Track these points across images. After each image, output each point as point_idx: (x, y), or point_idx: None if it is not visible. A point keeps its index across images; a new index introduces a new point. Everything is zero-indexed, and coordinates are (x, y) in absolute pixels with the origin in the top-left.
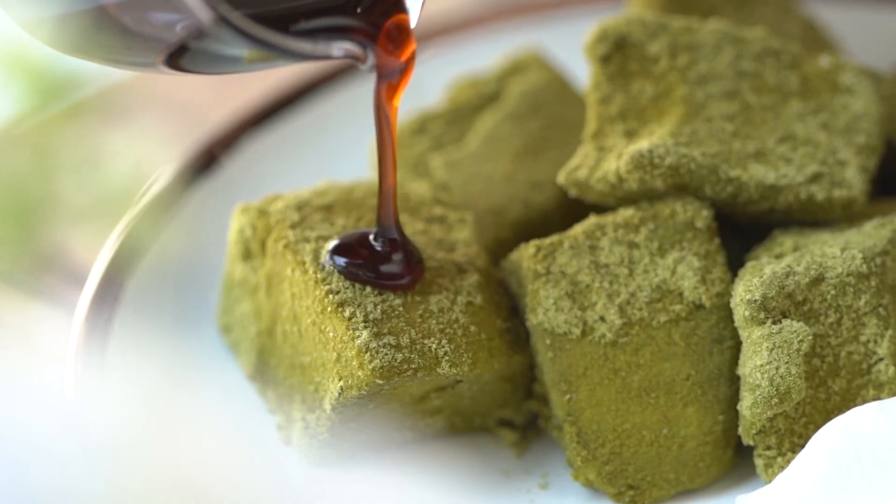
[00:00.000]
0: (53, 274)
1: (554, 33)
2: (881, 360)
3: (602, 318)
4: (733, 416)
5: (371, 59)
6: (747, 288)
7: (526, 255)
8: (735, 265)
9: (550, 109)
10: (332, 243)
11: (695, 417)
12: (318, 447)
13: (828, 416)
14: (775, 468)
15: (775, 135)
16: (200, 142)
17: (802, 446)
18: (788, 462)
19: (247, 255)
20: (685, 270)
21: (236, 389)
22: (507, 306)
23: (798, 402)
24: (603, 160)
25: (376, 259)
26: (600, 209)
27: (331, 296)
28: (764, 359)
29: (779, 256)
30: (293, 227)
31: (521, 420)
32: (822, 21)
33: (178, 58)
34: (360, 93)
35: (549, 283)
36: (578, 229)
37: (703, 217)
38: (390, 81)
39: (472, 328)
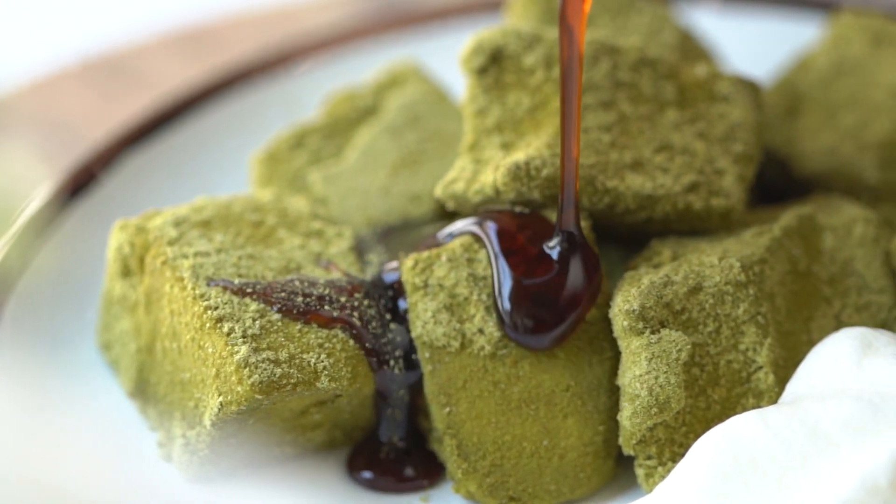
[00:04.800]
0: None
1: (431, 46)
2: (760, 368)
3: (480, 331)
4: (613, 426)
5: None
6: (625, 298)
7: (404, 268)
8: (613, 275)
9: (428, 122)
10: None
11: (575, 428)
12: (199, 463)
13: (708, 424)
14: (656, 477)
15: (652, 145)
16: (79, 159)
17: (683, 455)
18: (669, 471)
19: (125, 272)
20: None
21: (116, 407)
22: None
23: (678, 412)
24: (480, 173)
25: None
26: None
27: (209, 311)
28: (643, 368)
29: (657, 266)
30: (171, 243)
31: None
32: (699, 29)
33: None
34: (239, 108)
35: (427, 296)
36: (456, 242)
37: (581, 228)
38: None
39: (351, 342)
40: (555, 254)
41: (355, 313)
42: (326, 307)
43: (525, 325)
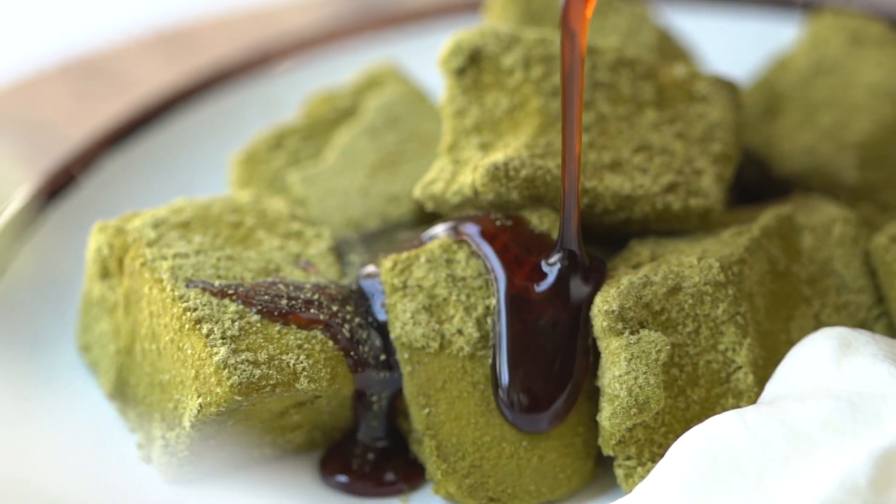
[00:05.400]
0: None
1: (410, 47)
2: (739, 368)
3: (460, 332)
4: (593, 426)
5: None
6: (604, 299)
7: (383, 269)
8: None
9: (406, 123)
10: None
11: (554, 429)
12: (178, 465)
13: (687, 425)
14: (635, 478)
15: (631, 145)
16: (57, 161)
17: (662, 456)
18: (648, 472)
19: (105, 273)
20: None
21: (96, 409)
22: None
23: (657, 412)
24: (458, 173)
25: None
26: None
27: (188, 313)
28: (622, 369)
29: (636, 266)
30: (150, 244)
31: None
32: (678, 30)
33: None
34: (218, 109)
35: (406, 297)
36: (435, 243)
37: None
38: None
39: (331, 343)
40: (553, 274)
41: (334, 314)
42: (306, 309)
43: (521, 403)
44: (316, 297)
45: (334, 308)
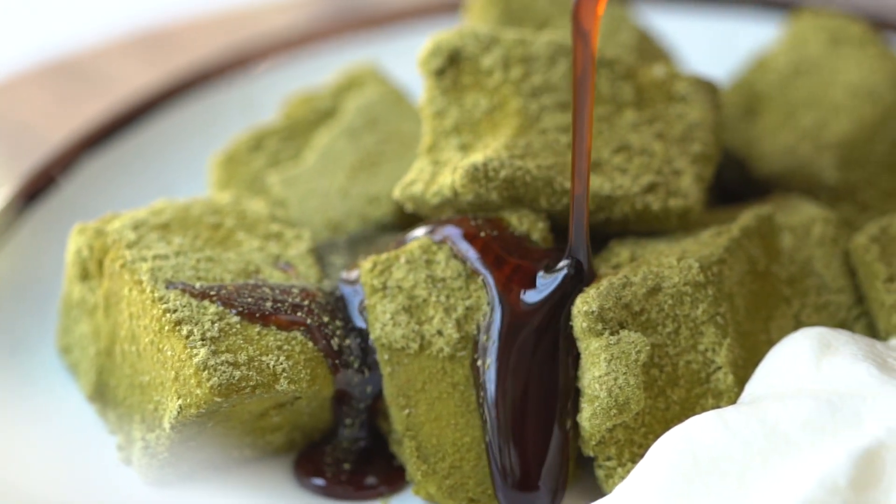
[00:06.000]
0: None
1: (390, 47)
2: (719, 368)
3: (440, 333)
4: (573, 427)
5: None
6: (584, 299)
7: (363, 270)
8: None
9: (386, 124)
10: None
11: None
12: (159, 467)
13: (667, 425)
14: (616, 479)
15: (610, 145)
16: (37, 162)
17: (642, 456)
18: (629, 472)
19: (84, 275)
20: None
21: (76, 410)
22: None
23: (637, 413)
24: (438, 174)
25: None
26: None
27: (168, 314)
28: (602, 370)
29: (616, 267)
30: (130, 246)
31: None
32: (657, 30)
33: None
34: (198, 111)
35: (385, 298)
36: (415, 244)
37: (539, 229)
38: None
39: (311, 344)
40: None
41: (314, 316)
42: (290, 311)
43: (512, 477)
44: (305, 302)
45: (317, 311)
